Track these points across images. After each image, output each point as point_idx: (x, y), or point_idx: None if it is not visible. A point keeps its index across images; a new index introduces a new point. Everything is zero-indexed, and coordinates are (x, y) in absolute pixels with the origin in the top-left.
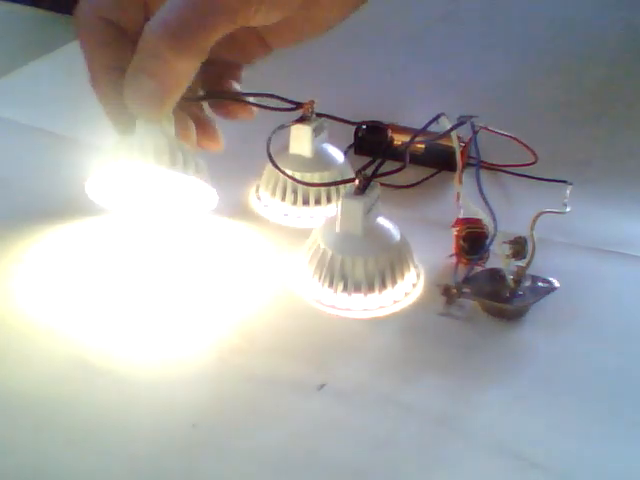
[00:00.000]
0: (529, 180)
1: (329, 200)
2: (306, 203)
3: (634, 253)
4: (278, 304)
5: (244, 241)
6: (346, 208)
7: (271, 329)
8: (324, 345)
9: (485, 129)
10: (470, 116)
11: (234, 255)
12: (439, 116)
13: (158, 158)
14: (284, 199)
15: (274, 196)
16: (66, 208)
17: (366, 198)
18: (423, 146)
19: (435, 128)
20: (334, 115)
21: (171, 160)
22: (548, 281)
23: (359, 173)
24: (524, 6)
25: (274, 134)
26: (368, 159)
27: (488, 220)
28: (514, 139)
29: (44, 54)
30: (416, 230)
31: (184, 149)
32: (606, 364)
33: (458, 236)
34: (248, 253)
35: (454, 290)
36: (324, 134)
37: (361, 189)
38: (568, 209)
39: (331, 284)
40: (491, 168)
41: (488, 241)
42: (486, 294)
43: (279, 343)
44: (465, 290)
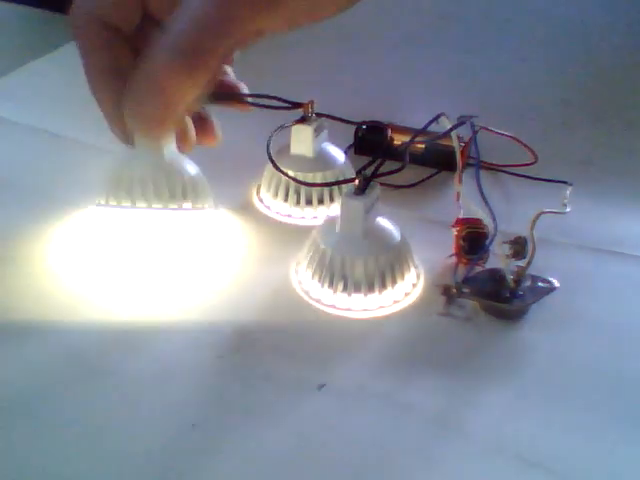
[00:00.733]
0: (529, 180)
1: (332, 200)
2: (309, 203)
3: (634, 253)
4: (278, 304)
5: (245, 241)
6: (346, 208)
7: (271, 329)
8: (324, 345)
9: (485, 129)
10: (470, 116)
11: (235, 255)
12: (439, 116)
13: (158, 196)
14: (286, 200)
15: (276, 197)
16: (66, 208)
17: (366, 198)
18: (423, 146)
19: (435, 128)
20: (334, 115)
21: (170, 195)
22: (548, 281)
23: (359, 173)
24: (524, 6)
25: (274, 135)
26: (368, 159)
27: (488, 220)
28: (514, 139)
29: (44, 54)
30: (416, 230)
31: (184, 175)
32: (606, 364)
33: (458, 236)
34: (249, 253)
35: (454, 290)
36: (324, 134)
37: (361, 189)
38: (568, 209)
39: (331, 284)
40: (491, 168)
41: (488, 241)
42: (486, 294)
43: (279, 343)
44: (465, 290)
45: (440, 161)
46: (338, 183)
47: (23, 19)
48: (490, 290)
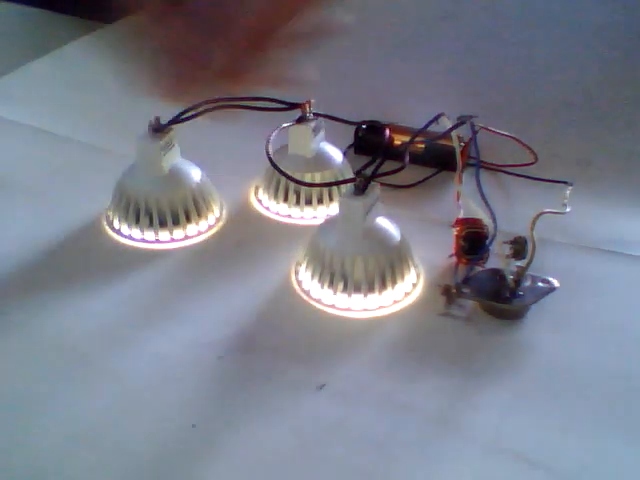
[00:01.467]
0: (529, 180)
1: (331, 199)
2: (308, 203)
3: (634, 253)
4: (278, 304)
5: (245, 242)
6: (346, 208)
7: (271, 329)
8: (324, 345)
9: (485, 129)
10: (470, 116)
11: (235, 256)
12: (439, 116)
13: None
14: (286, 200)
15: (275, 197)
16: (66, 208)
17: (366, 198)
18: (423, 146)
19: (435, 128)
20: (334, 115)
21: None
22: (548, 281)
23: (359, 173)
24: (524, 6)
25: (273, 135)
26: (368, 159)
27: (488, 220)
28: (514, 139)
29: (44, 54)
30: (416, 230)
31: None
32: (606, 363)
33: (458, 236)
34: (249, 254)
35: (454, 290)
36: (322, 133)
37: (361, 189)
38: (568, 209)
39: (331, 284)
40: (491, 168)
41: (488, 241)
42: (486, 294)
43: (279, 343)
44: (465, 290)
45: (440, 161)
46: (338, 183)
47: (23, 19)
48: (490, 290)
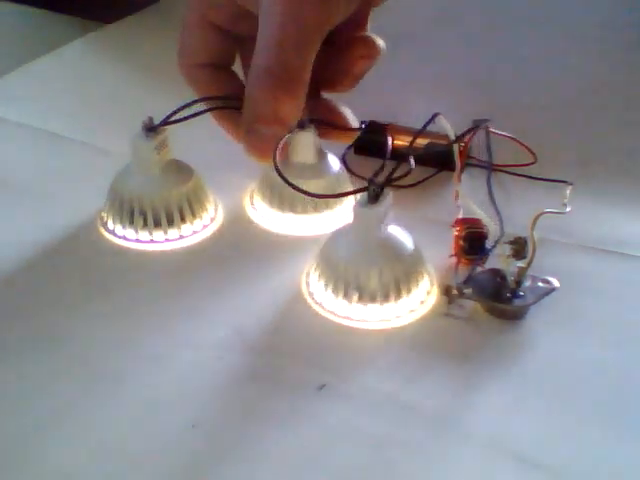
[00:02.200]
0: (529, 180)
1: (327, 207)
2: (304, 211)
3: (634, 253)
4: (279, 304)
5: (242, 243)
6: (360, 218)
7: (270, 329)
8: (323, 345)
9: (485, 129)
10: (484, 119)
11: (232, 256)
12: (435, 116)
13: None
14: (283, 209)
15: (273, 205)
16: (65, 208)
17: (380, 207)
18: (423, 146)
19: (434, 128)
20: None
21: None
22: (548, 281)
23: (371, 182)
24: (524, 6)
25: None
26: (368, 159)
27: (487, 220)
28: (514, 139)
29: (44, 54)
30: (416, 230)
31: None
32: (606, 364)
33: (458, 236)
34: (246, 255)
35: (455, 290)
36: (317, 139)
37: (374, 198)
38: (568, 209)
39: (346, 295)
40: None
41: (491, 243)
42: (487, 294)
43: (279, 343)
44: (466, 291)
45: (440, 161)
46: (349, 194)
47: (23, 19)
48: (491, 290)
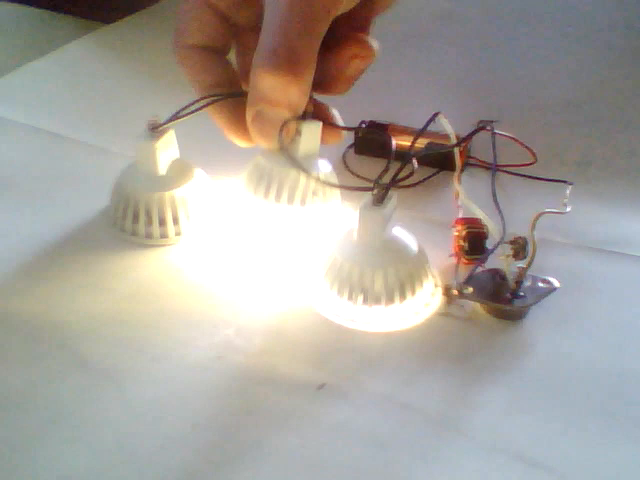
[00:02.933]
0: (529, 180)
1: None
2: (290, 202)
3: (634, 253)
4: (281, 305)
5: (244, 240)
6: (365, 219)
7: (272, 330)
8: (323, 345)
9: (485, 130)
10: (491, 121)
11: (237, 254)
12: (436, 115)
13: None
14: (268, 196)
15: (258, 193)
16: (66, 208)
17: (385, 209)
18: (423, 146)
19: (434, 127)
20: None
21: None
22: (548, 281)
23: (376, 183)
24: (524, 6)
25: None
26: (369, 159)
27: (487, 220)
28: (513, 139)
29: (44, 54)
30: (416, 230)
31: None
32: (606, 364)
33: (458, 236)
34: (250, 255)
35: (455, 290)
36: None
37: (380, 199)
38: (568, 209)
39: (350, 297)
40: (491, 168)
41: (492, 244)
42: (487, 295)
43: (279, 343)
44: (467, 291)
45: (440, 161)
46: (355, 189)
47: (23, 19)
48: (491, 291)
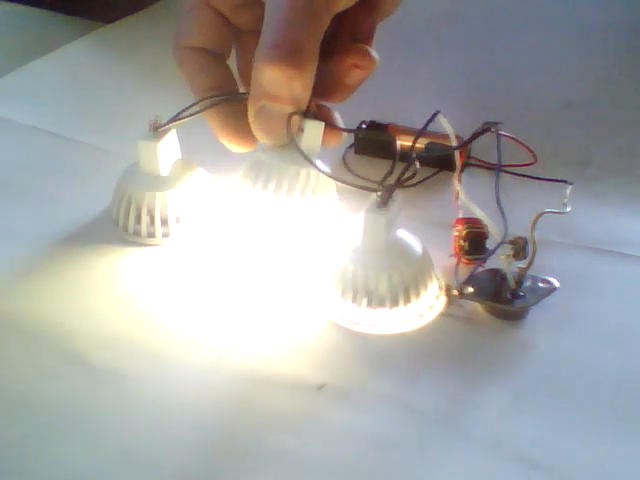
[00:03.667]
0: (529, 180)
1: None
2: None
3: (634, 253)
4: (283, 306)
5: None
6: (369, 222)
7: (272, 330)
8: (325, 347)
9: (490, 131)
10: (495, 122)
11: (239, 255)
12: (436, 114)
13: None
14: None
15: (257, 186)
16: (66, 208)
17: (389, 212)
18: (423, 146)
19: (434, 127)
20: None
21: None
22: (548, 281)
23: (381, 185)
24: (524, 6)
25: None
26: (369, 159)
27: (487, 220)
28: (513, 139)
29: (44, 54)
30: (416, 230)
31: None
32: (606, 364)
33: (458, 236)
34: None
35: (455, 290)
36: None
37: (384, 202)
38: (568, 209)
39: (355, 299)
40: (491, 168)
41: (494, 244)
42: (487, 295)
43: (280, 344)
44: (468, 291)
45: (440, 161)
46: (360, 187)
47: (23, 19)
48: (491, 291)
